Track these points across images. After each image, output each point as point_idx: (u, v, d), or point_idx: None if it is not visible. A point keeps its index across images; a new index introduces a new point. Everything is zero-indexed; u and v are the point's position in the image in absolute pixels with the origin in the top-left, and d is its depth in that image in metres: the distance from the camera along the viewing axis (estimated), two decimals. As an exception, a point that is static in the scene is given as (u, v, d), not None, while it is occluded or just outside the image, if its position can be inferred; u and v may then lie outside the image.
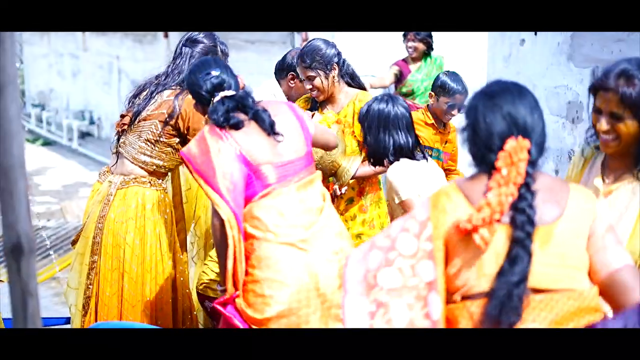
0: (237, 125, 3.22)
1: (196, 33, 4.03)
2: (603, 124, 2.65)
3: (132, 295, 3.86)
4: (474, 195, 2.29)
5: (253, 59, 8.70)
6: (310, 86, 4.13)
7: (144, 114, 3.98)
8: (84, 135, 11.70)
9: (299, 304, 3.16)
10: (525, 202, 2.22)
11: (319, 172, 3.43)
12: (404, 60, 7.25)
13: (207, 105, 3.33)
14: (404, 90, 7.17)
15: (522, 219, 2.21)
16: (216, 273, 4.03)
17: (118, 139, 4.05)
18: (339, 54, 4.17)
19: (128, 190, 3.94)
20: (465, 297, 2.30)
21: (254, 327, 3.16)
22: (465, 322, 2.28)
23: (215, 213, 3.15)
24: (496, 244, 2.26)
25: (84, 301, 3.91)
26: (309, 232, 3.22)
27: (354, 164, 4.06)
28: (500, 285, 2.20)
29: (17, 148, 1.68)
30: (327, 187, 3.96)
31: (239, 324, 3.18)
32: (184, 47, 4.01)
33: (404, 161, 3.73)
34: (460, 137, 2.39)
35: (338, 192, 4.18)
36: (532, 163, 2.27)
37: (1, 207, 1.73)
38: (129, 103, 4.07)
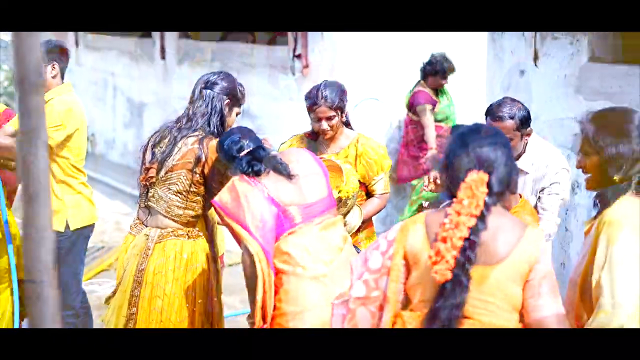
0: (259, 172, 3.52)
1: (214, 76, 3.99)
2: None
3: None
4: (433, 226, 2.56)
5: (254, 82, 8.71)
6: (327, 126, 4.17)
7: (169, 164, 3.88)
8: (78, 151, 11.67)
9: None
10: (473, 238, 2.43)
11: (340, 217, 3.70)
12: (424, 94, 7.35)
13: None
14: (439, 117, 7.40)
15: (461, 259, 2.43)
16: None
17: (146, 193, 3.95)
18: None
19: (167, 243, 3.91)
20: (412, 309, 2.60)
21: None
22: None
23: (246, 249, 3.41)
24: None
25: None
26: (329, 268, 3.50)
27: (357, 220, 4.18)
28: (437, 311, 2.45)
29: (45, 254, 1.69)
30: None
31: None
32: (204, 90, 3.93)
33: None
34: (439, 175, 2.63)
35: None
36: (492, 195, 2.48)
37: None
38: (151, 154, 3.94)
